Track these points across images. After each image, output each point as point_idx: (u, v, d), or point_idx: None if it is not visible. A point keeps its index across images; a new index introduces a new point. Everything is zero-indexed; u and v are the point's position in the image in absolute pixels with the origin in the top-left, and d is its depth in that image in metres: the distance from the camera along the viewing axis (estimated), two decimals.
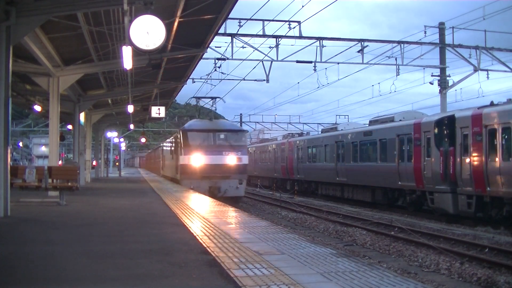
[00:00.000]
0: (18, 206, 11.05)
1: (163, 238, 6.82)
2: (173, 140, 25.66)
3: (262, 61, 22.04)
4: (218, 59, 21.50)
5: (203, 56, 18.12)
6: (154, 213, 10.15)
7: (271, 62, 22.02)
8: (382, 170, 19.74)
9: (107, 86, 20.60)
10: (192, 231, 7.34)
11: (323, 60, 21.46)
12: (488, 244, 11.14)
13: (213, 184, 20.39)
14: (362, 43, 21.69)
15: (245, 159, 21.40)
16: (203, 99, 25.98)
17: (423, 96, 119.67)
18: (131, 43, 8.32)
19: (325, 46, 21.15)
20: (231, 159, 20.80)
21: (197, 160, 20.60)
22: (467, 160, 14.78)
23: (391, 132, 19.32)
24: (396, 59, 22.58)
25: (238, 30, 19.90)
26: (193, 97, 26.51)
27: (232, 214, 10.13)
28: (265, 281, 4.25)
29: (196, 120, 23.16)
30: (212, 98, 25.46)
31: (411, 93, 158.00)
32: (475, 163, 14.45)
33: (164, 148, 32.49)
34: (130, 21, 8.27)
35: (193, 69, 19.82)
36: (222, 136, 21.42)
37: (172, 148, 25.66)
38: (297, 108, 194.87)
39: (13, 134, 47.41)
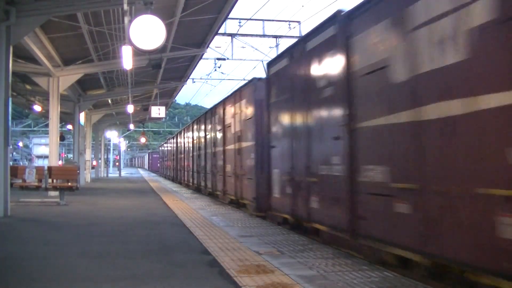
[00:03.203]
0: (18, 206, 11.06)
1: (163, 238, 6.81)
2: None
3: (262, 61, 22.07)
4: (218, 59, 21.49)
5: (203, 56, 18.15)
6: (154, 213, 10.14)
7: None
8: None
9: (107, 86, 20.62)
10: (192, 231, 7.34)
11: None
12: None
13: None
14: None
15: None
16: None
17: None
18: (131, 43, 8.32)
19: None
20: None
21: None
22: None
23: None
24: None
25: (238, 30, 19.92)
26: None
27: (235, 216, 10.13)
28: (265, 281, 4.25)
29: None
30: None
31: None
32: None
33: None
34: (130, 21, 8.27)
35: (193, 69, 19.86)
36: None
37: None
38: None
39: (13, 134, 47.46)
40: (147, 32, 8.08)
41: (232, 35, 20.29)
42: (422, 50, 4.33)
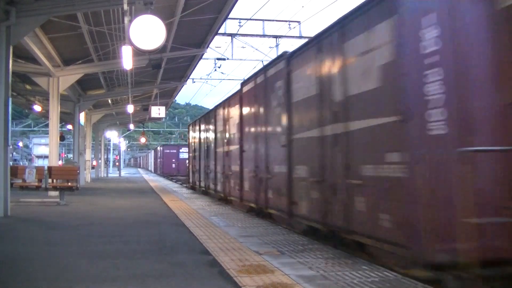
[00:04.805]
0: (18, 206, 11.05)
1: (163, 238, 6.82)
2: None
3: (262, 61, 22.06)
4: (218, 59, 21.49)
5: (203, 56, 18.15)
6: (154, 213, 10.14)
7: None
8: None
9: (107, 86, 20.62)
10: (192, 231, 7.34)
11: None
12: None
13: None
14: None
15: None
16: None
17: None
18: (131, 43, 8.33)
19: None
20: None
21: None
22: None
23: None
24: None
25: (238, 30, 19.91)
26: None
27: (235, 216, 10.13)
28: (265, 281, 4.25)
29: None
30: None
31: None
32: None
33: None
34: (130, 21, 8.28)
35: (193, 69, 19.87)
36: None
37: None
38: None
39: (13, 134, 47.40)
40: (147, 32, 8.08)
41: (232, 35, 20.27)
42: None
